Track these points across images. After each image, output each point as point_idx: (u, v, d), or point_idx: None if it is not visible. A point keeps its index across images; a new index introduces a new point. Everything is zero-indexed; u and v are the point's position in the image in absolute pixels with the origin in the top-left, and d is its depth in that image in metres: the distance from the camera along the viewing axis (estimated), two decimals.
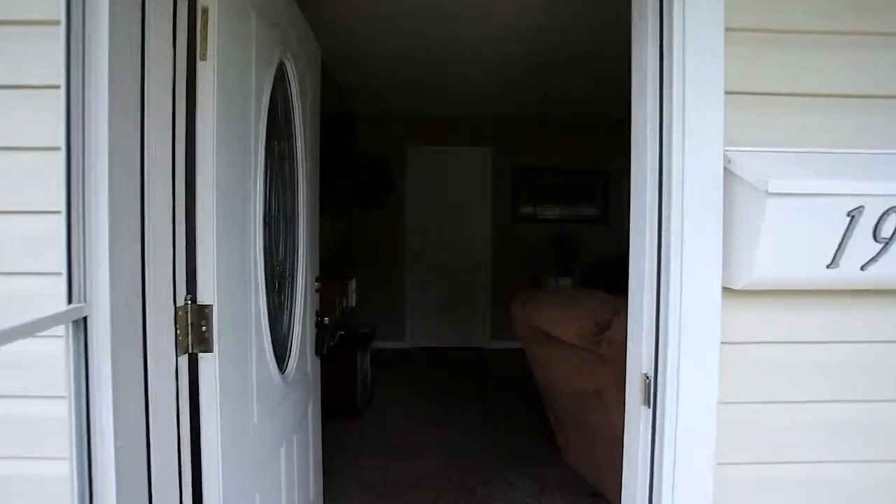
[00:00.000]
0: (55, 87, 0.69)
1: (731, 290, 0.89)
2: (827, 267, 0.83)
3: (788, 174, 0.83)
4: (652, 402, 0.93)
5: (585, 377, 1.87)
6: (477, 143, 5.47)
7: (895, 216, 0.79)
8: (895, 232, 0.80)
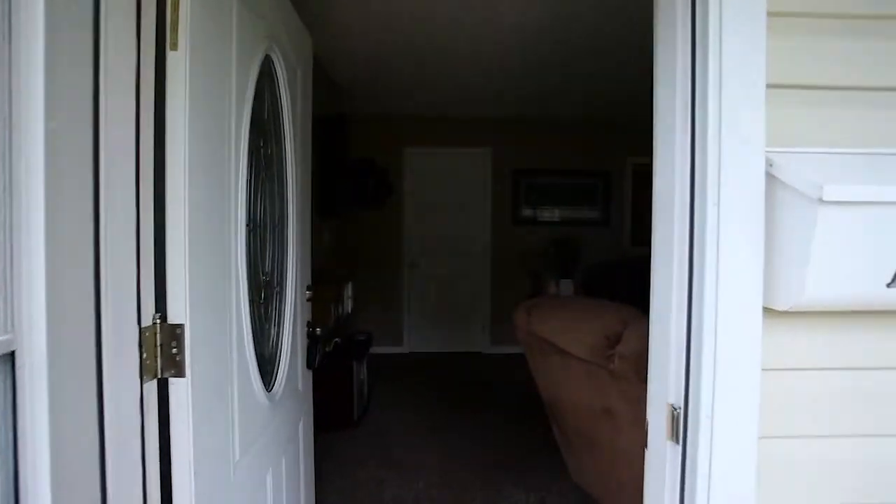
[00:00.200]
0: None
1: (772, 310, 0.78)
2: (888, 286, 0.72)
3: (842, 179, 0.71)
4: (681, 437, 0.81)
5: (594, 393, 1.75)
6: (476, 144, 5.36)
7: None
8: None
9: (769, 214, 0.77)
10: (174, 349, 0.96)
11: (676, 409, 0.82)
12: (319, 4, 2.75)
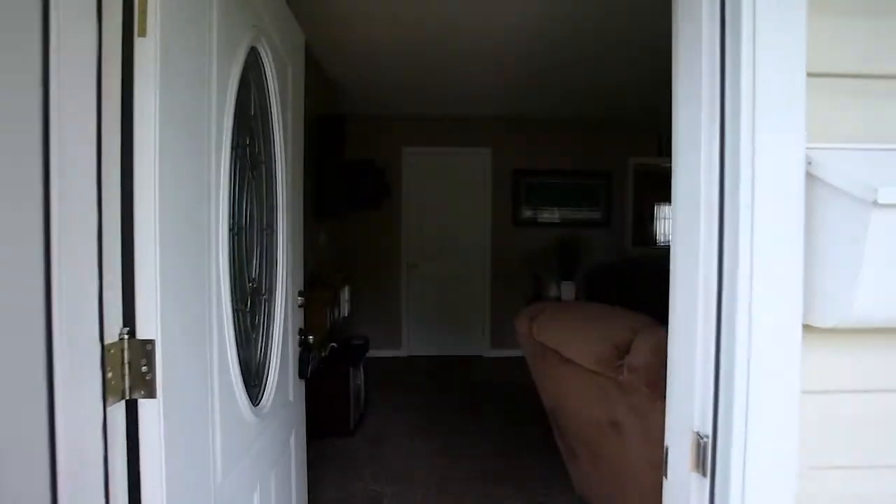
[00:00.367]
0: None
1: (812, 328, 0.69)
2: None
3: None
4: (709, 470, 0.72)
5: (600, 405, 1.66)
6: (476, 143, 5.27)
7: None
8: None
9: (808, 219, 0.68)
10: (144, 367, 0.87)
11: (703, 437, 0.73)
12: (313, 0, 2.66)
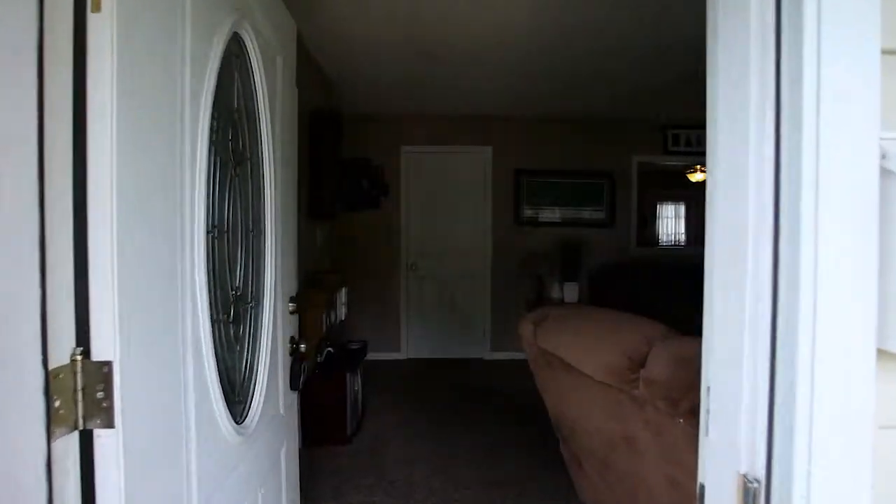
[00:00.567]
0: None
1: (888, 353, 0.58)
2: None
3: None
4: None
5: (612, 418, 1.55)
6: (476, 142, 5.15)
7: None
8: None
9: (883, 224, 0.57)
10: (100, 393, 0.75)
11: (752, 482, 0.62)
12: None
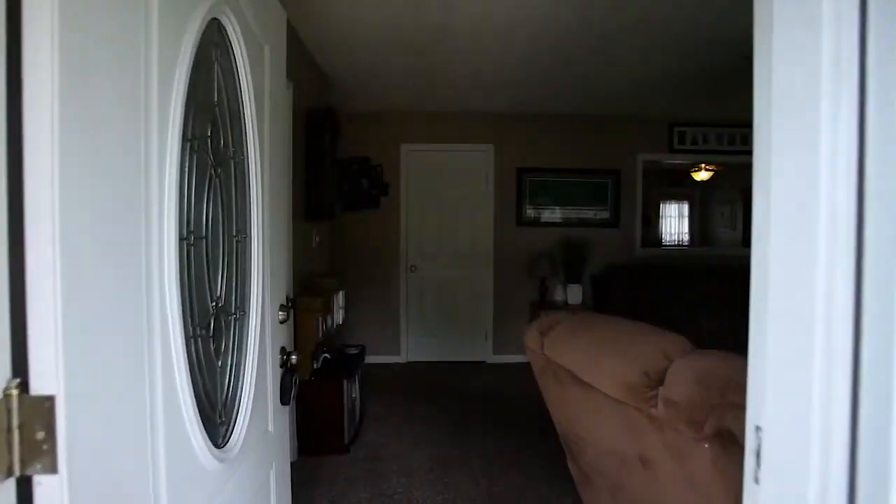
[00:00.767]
0: None
1: None
2: None
3: None
4: None
5: (626, 437, 1.44)
6: (477, 140, 5.04)
7: None
8: None
9: None
10: (41, 433, 0.64)
11: None
12: None
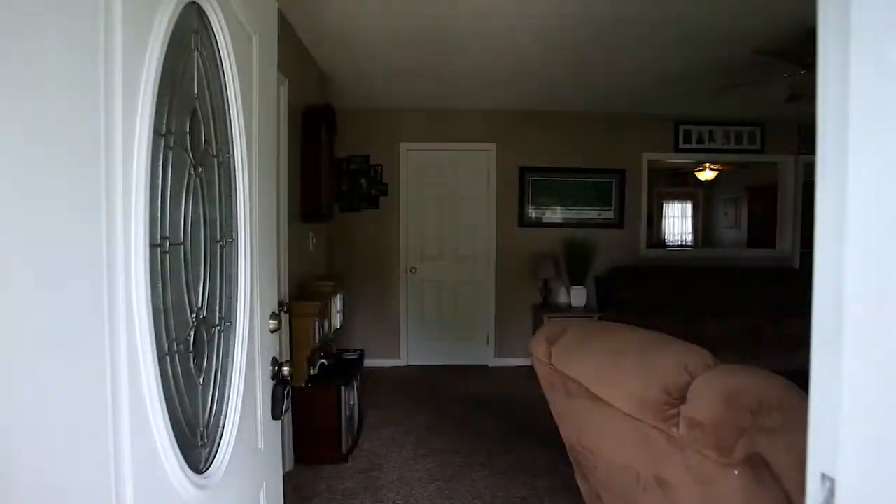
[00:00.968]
0: None
1: None
2: None
3: None
4: None
5: (642, 456, 1.34)
6: (479, 139, 4.94)
7: None
8: None
9: None
10: None
11: None
12: None
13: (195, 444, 1.06)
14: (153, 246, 0.87)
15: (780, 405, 1.02)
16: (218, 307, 1.18)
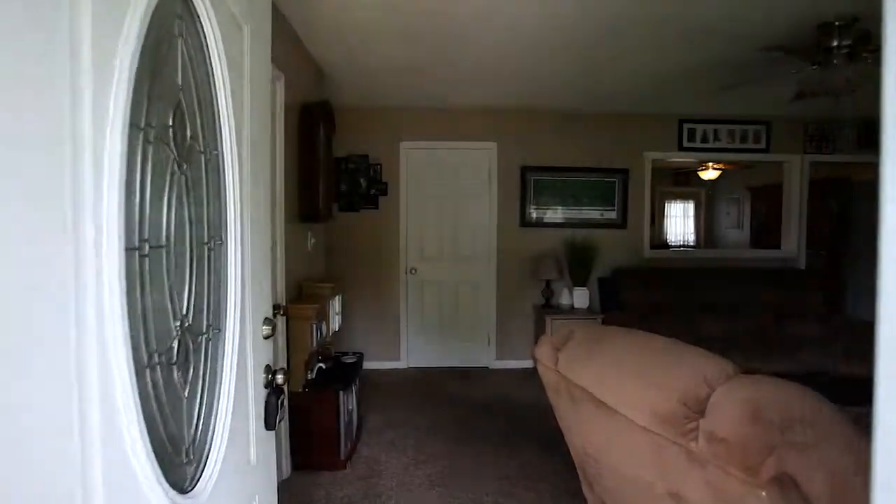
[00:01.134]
0: None
1: None
2: None
3: None
4: None
5: (654, 469, 1.27)
6: (480, 138, 4.86)
7: None
8: None
9: None
10: None
11: None
12: None
13: (179, 462, 0.98)
14: (130, 249, 0.80)
15: (809, 419, 0.95)
16: (205, 313, 1.10)
